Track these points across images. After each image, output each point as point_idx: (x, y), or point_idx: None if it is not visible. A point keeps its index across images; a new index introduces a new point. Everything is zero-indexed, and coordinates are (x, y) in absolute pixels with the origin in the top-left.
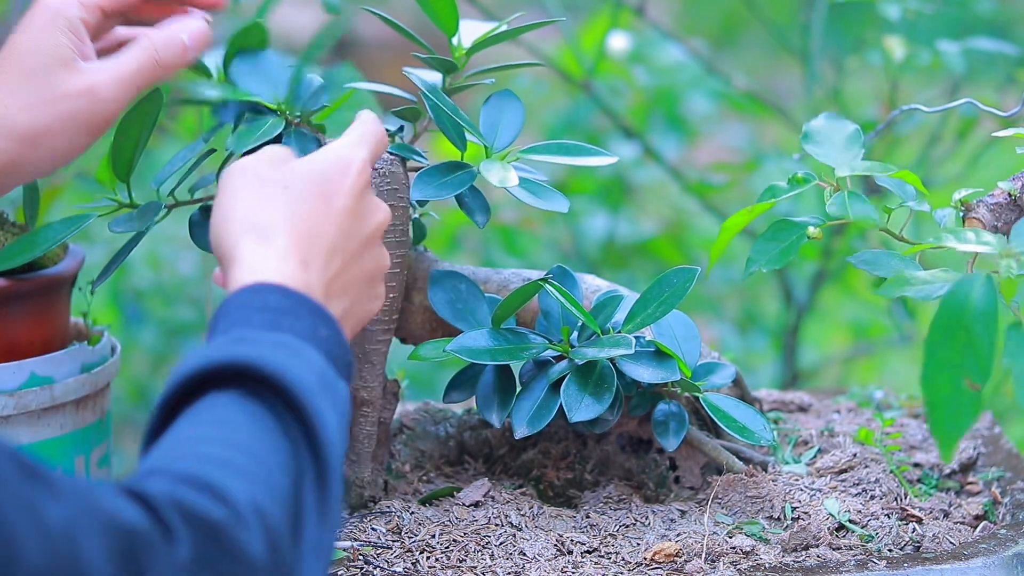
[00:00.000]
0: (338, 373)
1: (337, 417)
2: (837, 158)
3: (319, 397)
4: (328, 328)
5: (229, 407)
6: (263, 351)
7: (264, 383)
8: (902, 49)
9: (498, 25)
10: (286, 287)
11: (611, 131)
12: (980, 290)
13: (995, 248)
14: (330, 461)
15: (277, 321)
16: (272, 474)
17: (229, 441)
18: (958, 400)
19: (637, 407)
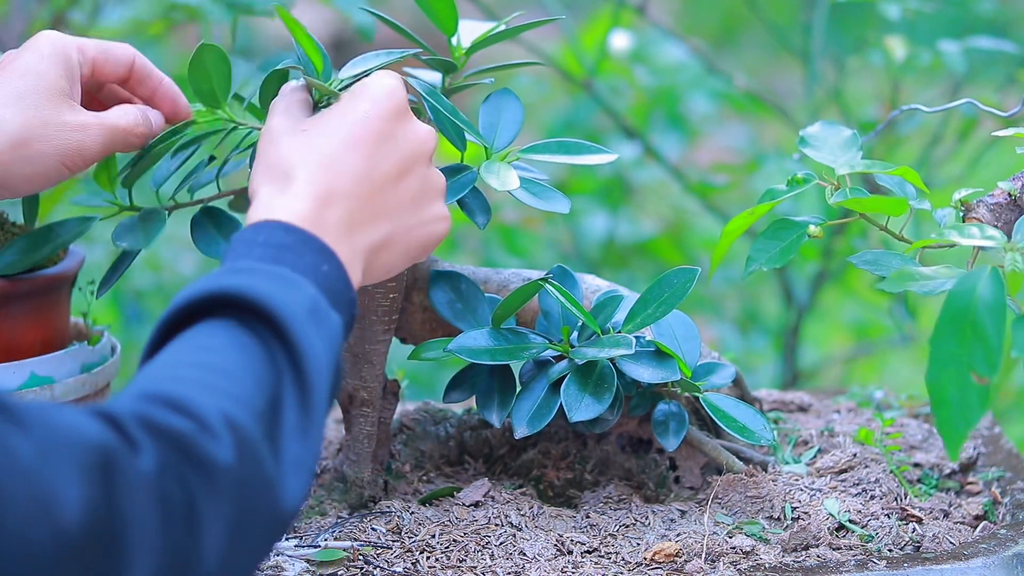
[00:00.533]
0: (334, 306)
1: (325, 345)
2: (836, 159)
3: (306, 324)
4: (331, 264)
5: (215, 333)
6: (255, 281)
7: (251, 311)
8: (903, 49)
9: (497, 24)
10: (290, 224)
11: (611, 131)
12: (987, 283)
13: (999, 243)
14: (313, 384)
15: (278, 256)
16: (247, 391)
17: (207, 363)
18: (965, 396)
19: (637, 407)
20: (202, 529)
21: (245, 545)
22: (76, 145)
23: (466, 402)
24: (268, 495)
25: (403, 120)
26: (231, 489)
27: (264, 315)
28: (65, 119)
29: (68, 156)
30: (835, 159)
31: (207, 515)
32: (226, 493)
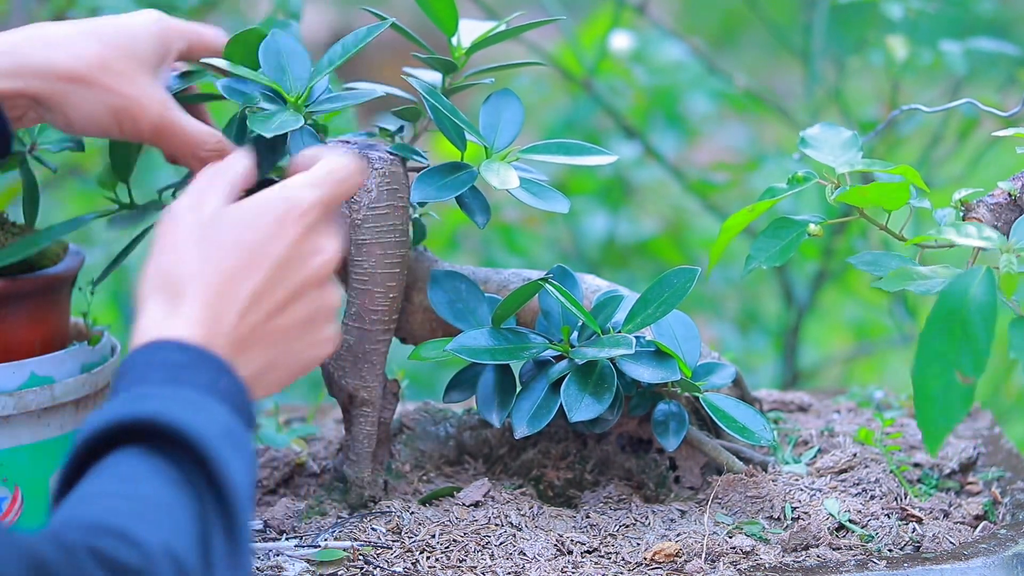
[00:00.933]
0: (243, 423)
1: (243, 464)
2: (836, 158)
3: (223, 445)
4: (229, 380)
5: (132, 463)
6: (163, 405)
7: (166, 437)
8: (904, 49)
9: (497, 24)
10: (184, 342)
11: (611, 131)
12: (980, 284)
13: (995, 243)
14: (237, 507)
15: (176, 375)
16: (179, 521)
17: (135, 494)
18: (948, 394)
19: (637, 407)
20: None
21: None
22: (134, 112)
23: (466, 402)
24: None
25: (313, 237)
26: None
27: (178, 440)
28: (137, 85)
29: (123, 119)
30: (835, 159)
31: None
32: None
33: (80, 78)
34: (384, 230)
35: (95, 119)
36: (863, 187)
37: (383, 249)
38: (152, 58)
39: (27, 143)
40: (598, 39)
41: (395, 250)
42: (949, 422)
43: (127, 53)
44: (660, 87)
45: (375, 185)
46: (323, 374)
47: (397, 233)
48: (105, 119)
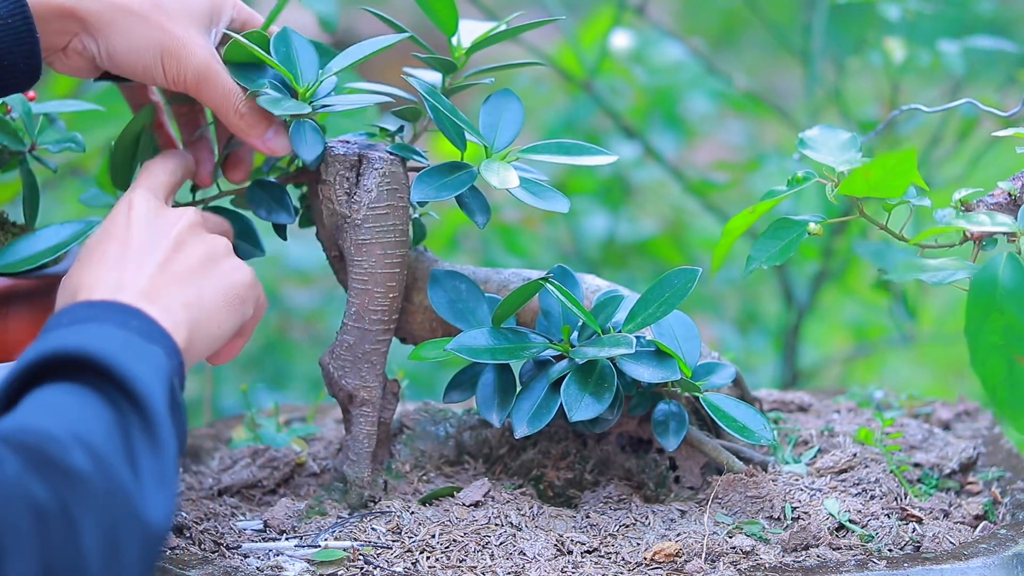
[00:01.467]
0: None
1: (149, 369)
2: (835, 158)
3: (121, 354)
4: (138, 319)
5: (44, 393)
6: (58, 340)
7: (68, 363)
8: (902, 51)
9: (497, 25)
10: (91, 300)
11: (611, 131)
12: (1007, 270)
13: (1011, 227)
14: (151, 404)
15: (83, 325)
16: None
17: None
18: (1014, 377)
19: (637, 407)
20: (80, 534)
21: (122, 558)
22: (181, 54)
23: (466, 402)
24: (131, 506)
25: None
26: (96, 496)
27: (84, 363)
28: (188, 30)
29: (168, 59)
30: (834, 159)
31: (81, 520)
32: (92, 499)
33: (134, 10)
34: (384, 230)
35: (140, 53)
36: (865, 168)
37: (383, 249)
38: (204, 15)
39: (27, 143)
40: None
41: (395, 250)
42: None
43: (182, 2)
44: (660, 87)
45: (375, 185)
46: (323, 374)
47: (397, 233)
48: (149, 55)
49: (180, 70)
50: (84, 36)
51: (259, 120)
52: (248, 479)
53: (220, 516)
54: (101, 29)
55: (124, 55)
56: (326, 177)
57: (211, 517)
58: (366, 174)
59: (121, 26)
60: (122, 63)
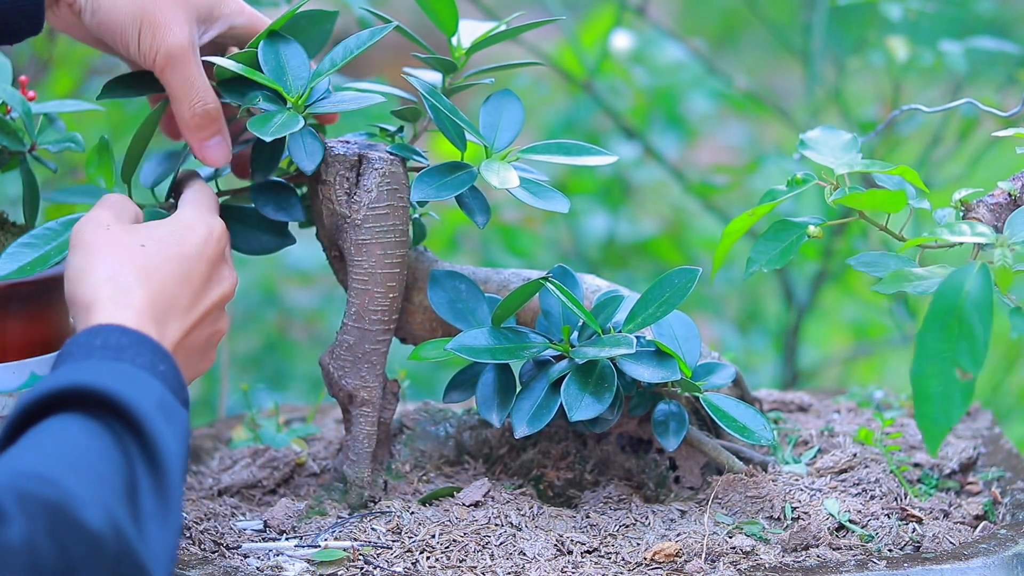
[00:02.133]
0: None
1: (175, 436)
2: (836, 160)
3: (156, 414)
4: (167, 365)
5: (67, 425)
6: (100, 376)
7: (100, 403)
8: (905, 50)
9: (497, 25)
10: (126, 327)
11: (611, 131)
12: (975, 279)
13: (990, 239)
14: (168, 469)
15: (118, 355)
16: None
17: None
18: (948, 392)
19: (637, 407)
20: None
21: None
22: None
23: (466, 402)
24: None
25: (222, 264)
26: (107, 557)
27: (114, 407)
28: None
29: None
30: (835, 161)
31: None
32: (103, 560)
33: None
34: (384, 230)
35: (121, 16)
36: (860, 194)
37: (383, 249)
38: (199, 8)
39: (27, 143)
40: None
41: (395, 250)
42: (949, 420)
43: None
44: (660, 87)
45: (375, 185)
46: (323, 374)
47: (397, 233)
48: (129, 20)
49: (153, 45)
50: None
51: (207, 124)
52: (248, 479)
53: (220, 516)
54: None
55: (106, 14)
56: (326, 177)
57: (211, 517)
58: (366, 174)
59: (102, 9)
60: (103, 22)
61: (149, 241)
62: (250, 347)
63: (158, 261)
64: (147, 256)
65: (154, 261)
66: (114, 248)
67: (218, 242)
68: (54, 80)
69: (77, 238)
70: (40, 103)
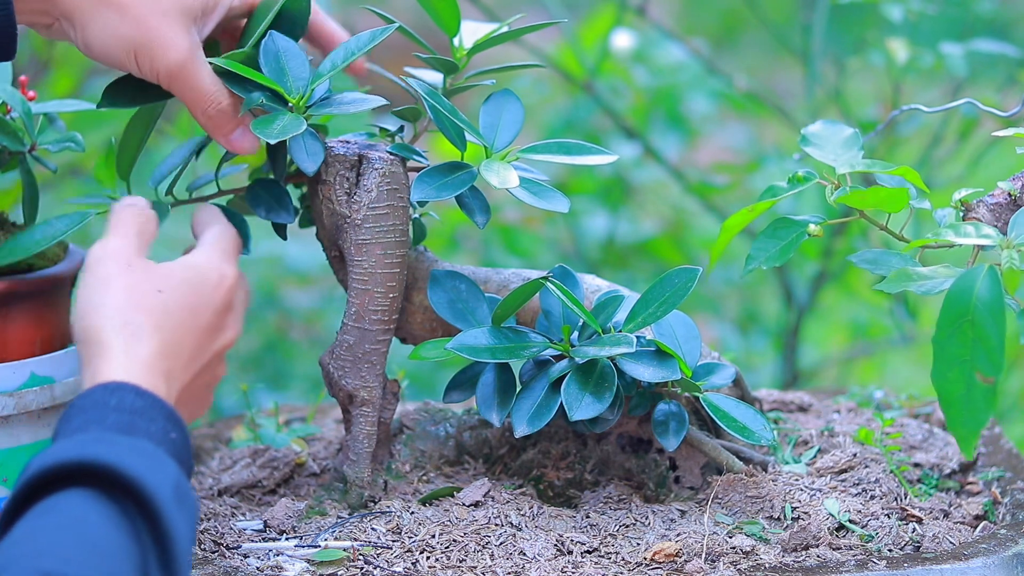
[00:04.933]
0: (188, 479)
1: (186, 524)
2: (837, 158)
3: (172, 503)
4: (178, 431)
5: (83, 505)
6: (120, 454)
7: (119, 486)
8: (905, 51)
9: (499, 26)
10: (141, 388)
11: (611, 131)
12: (984, 282)
13: (995, 240)
14: (178, 563)
15: (132, 423)
16: (117, 566)
17: (81, 536)
18: (972, 395)
19: (637, 407)
20: None
21: None
22: (154, 52)
23: (466, 402)
24: None
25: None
26: None
27: (133, 491)
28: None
29: (141, 56)
30: (836, 158)
31: None
32: None
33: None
34: (384, 230)
35: (114, 47)
36: (862, 191)
37: (383, 249)
38: (196, 3)
39: (27, 143)
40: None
41: (395, 250)
42: (978, 422)
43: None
44: (660, 87)
45: (375, 185)
46: (323, 374)
47: (397, 233)
48: (122, 50)
49: (153, 67)
50: (64, 23)
51: (225, 121)
52: (248, 479)
53: (220, 516)
54: (78, 20)
55: (99, 48)
56: (326, 177)
57: (211, 517)
58: (366, 174)
59: (97, 19)
60: (97, 55)
61: (166, 287)
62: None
63: (172, 309)
64: (163, 304)
65: (168, 309)
66: (132, 291)
67: (228, 291)
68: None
69: (96, 269)
70: (40, 103)
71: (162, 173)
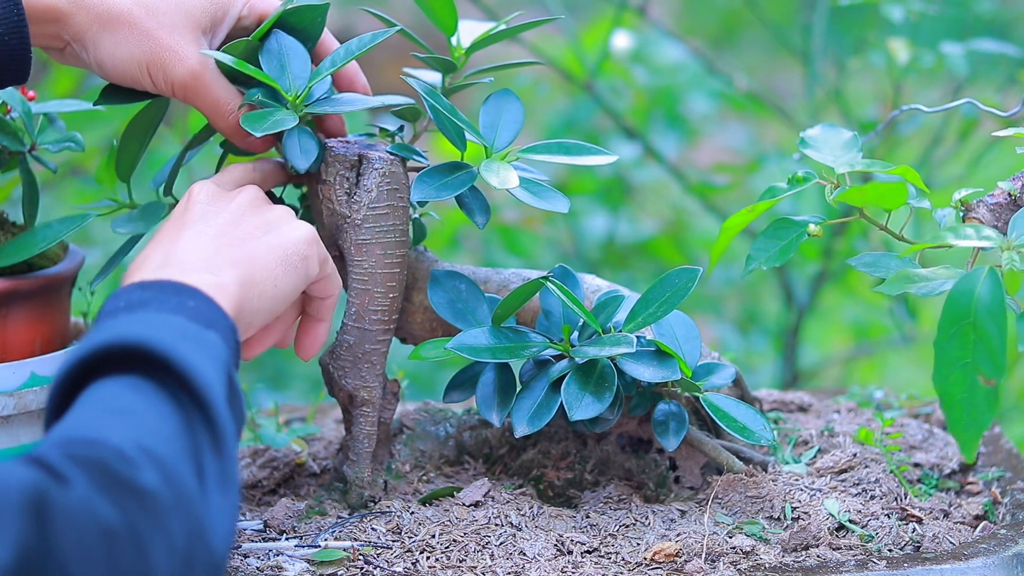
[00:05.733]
0: (222, 337)
1: (207, 359)
2: (836, 159)
3: (180, 346)
4: (196, 299)
5: (111, 385)
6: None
7: (126, 356)
8: (906, 52)
9: (497, 24)
10: (145, 281)
11: (611, 131)
12: (985, 285)
13: (995, 242)
14: (213, 402)
15: (141, 306)
16: (154, 422)
17: (112, 408)
18: (974, 398)
19: (637, 407)
20: (150, 556)
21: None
22: (167, 65)
23: (466, 402)
24: (199, 525)
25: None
26: (166, 515)
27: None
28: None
29: (155, 70)
30: (835, 159)
31: (150, 542)
32: (162, 519)
33: (123, 18)
34: (384, 230)
35: (127, 64)
36: (861, 187)
37: (383, 249)
38: (203, 16)
39: (27, 143)
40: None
41: (395, 250)
42: (980, 425)
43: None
44: (660, 87)
45: (375, 185)
46: (323, 374)
47: (397, 233)
48: (135, 66)
49: (167, 80)
50: (75, 45)
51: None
52: (248, 479)
53: None
54: (89, 41)
55: (111, 66)
56: (326, 177)
57: None
58: (366, 174)
59: (107, 38)
60: (110, 73)
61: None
62: None
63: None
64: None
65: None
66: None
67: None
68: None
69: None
70: (40, 103)
71: (164, 175)
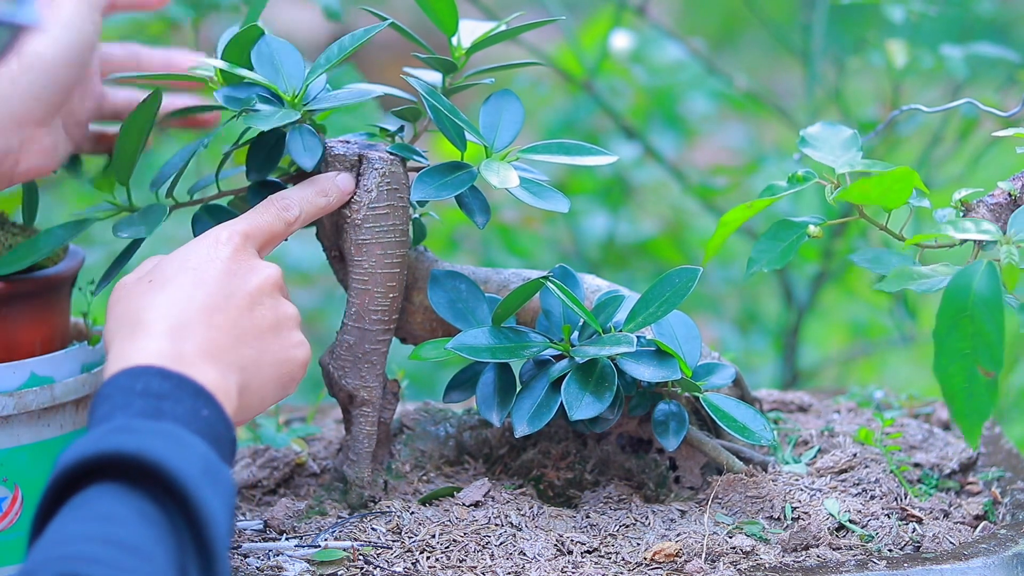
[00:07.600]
0: (221, 456)
1: (221, 503)
2: (836, 158)
3: (203, 486)
4: (209, 408)
5: (113, 500)
6: (145, 441)
7: (148, 474)
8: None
9: (498, 25)
10: (165, 368)
11: (611, 131)
12: (983, 278)
13: (994, 236)
14: (215, 550)
15: (158, 407)
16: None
17: (113, 538)
18: (974, 388)
19: (637, 407)
20: None
21: None
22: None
23: (466, 402)
24: None
25: (244, 258)
26: None
27: (160, 479)
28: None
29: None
30: (835, 159)
31: None
32: None
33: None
34: (384, 230)
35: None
36: (863, 181)
37: (383, 249)
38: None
39: None
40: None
41: (395, 250)
42: (982, 414)
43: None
44: (660, 87)
45: (375, 185)
46: (323, 374)
47: (397, 233)
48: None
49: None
50: None
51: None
52: (248, 479)
53: None
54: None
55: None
56: None
57: None
58: (366, 174)
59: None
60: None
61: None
62: None
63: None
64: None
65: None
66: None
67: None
68: None
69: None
70: None
71: (164, 176)
